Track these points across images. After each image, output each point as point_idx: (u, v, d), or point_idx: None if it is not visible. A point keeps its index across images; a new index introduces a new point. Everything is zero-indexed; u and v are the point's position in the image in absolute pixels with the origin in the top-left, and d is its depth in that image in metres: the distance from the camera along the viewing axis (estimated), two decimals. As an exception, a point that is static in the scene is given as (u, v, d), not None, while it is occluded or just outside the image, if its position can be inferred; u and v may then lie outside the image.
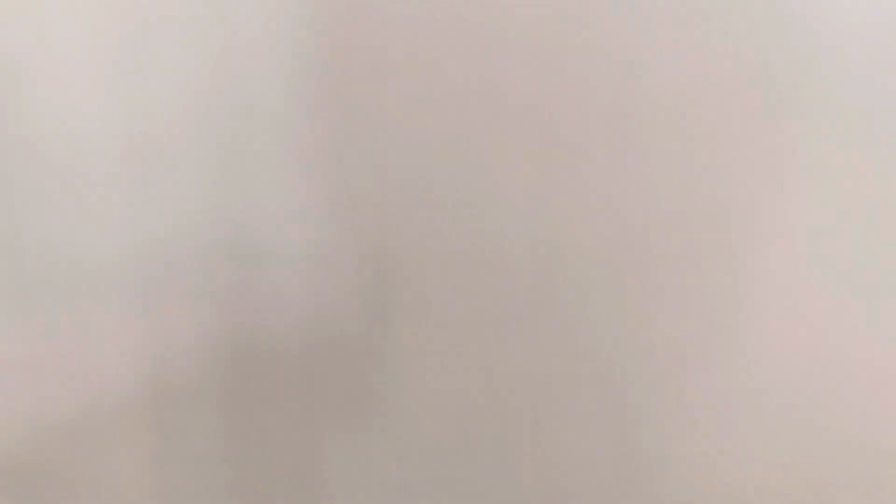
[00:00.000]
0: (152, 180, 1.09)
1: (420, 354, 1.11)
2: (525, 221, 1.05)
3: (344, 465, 1.15)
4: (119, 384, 1.14)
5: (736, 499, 1.08)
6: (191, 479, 1.18)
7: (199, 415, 1.15)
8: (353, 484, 1.16)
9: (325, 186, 1.08)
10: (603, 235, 1.04)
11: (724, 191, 1.01)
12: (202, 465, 1.17)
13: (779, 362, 1.04)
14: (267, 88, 1.06)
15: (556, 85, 1.01)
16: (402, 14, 1.03)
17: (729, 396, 1.06)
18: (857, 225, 0.99)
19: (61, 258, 1.11)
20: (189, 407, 1.15)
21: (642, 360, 1.06)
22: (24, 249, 1.11)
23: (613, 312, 1.06)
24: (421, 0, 1.02)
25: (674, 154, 1.01)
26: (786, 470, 1.06)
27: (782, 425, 1.05)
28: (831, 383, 1.03)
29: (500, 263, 1.07)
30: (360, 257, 1.09)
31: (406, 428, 1.13)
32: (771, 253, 1.01)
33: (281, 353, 1.13)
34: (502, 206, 1.05)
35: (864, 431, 1.04)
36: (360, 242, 1.09)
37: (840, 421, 1.04)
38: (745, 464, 1.07)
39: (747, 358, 1.04)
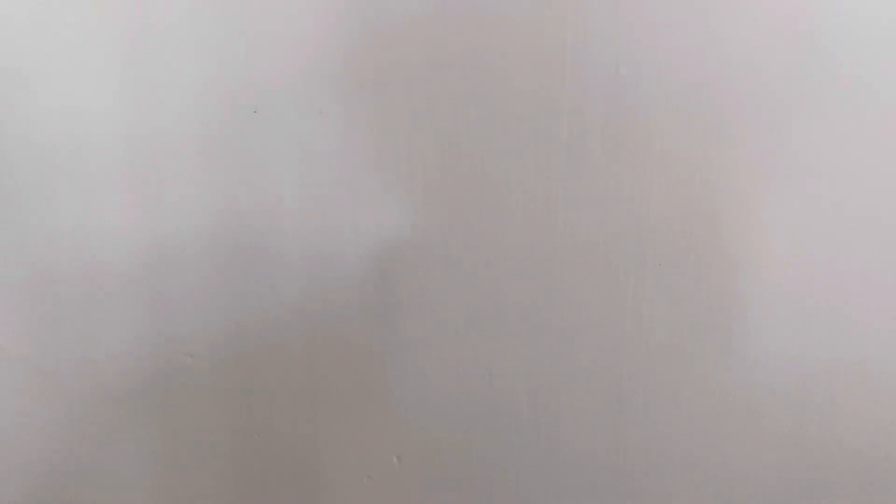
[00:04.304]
0: (158, 181, 1.09)
1: (420, 353, 1.11)
2: (525, 221, 1.05)
3: (344, 460, 1.15)
4: (124, 379, 1.14)
5: (732, 497, 1.08)
6: (194, 473, 1.17)
7: (202, 410, 1.15)
8: (354, 479, 1.15)
9: (328, 186, 1.08)
10: (602, 235, 1.04)
11: (723, 191, 1.01)
12: (205, 460, 1.16)
13: (776, 362, 1.04)
14: (271, 90, 1.06)
15: (555, 85, 1.02)
16: (402, 16, 1.03)
17: (726, 396, 1.05)
18: (855, 225, 0.99)
19: (68, 257, 1.11)
20: (193, 402, 1.15)
21: (641, 359, 1.06)
22: (31, 248, 1.11)
23: (613, 312, 1.06)
24: (421, 2, 1.02)
25: (673, 154, 1.01)
26: (781, 469, 1.06)
27: (779, 424, 1.05)
28: (829, 384, 1.03)
29: (501, 263, 1.07)
30: (362, 257, 1.09)
31: (406, 425, 1.13)
32: (769, 253, 1.01)
33: (283, 350, 1.12)
34: (503, 205, 1.05)
35: (861, 431, 1.04)
36: (363, 242, 1.08)
37: (837, 421, 1.04)
38: (742, 462, 1.07)
39: (745, 358, 1.04)
